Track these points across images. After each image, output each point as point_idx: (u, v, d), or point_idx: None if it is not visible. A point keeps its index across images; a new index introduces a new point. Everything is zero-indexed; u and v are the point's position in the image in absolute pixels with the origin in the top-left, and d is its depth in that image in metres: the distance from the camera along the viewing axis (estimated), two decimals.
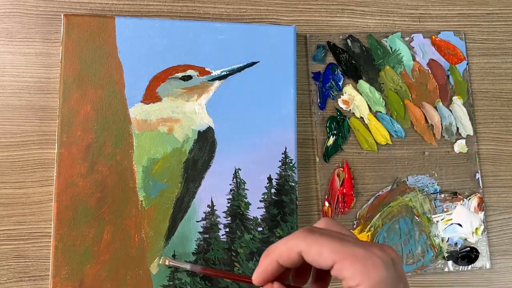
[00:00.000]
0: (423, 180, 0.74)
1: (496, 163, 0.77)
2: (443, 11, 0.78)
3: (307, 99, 0.73)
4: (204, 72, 0.66)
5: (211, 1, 0.72)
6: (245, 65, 0.67)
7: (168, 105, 0.65)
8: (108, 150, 0.63)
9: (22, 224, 0.65)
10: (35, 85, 0.67)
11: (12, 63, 0.67)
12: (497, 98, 0.78)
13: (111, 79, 0.64)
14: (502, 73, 0.78)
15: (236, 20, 0.72)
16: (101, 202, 0.62)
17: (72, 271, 0.61)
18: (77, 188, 0.62)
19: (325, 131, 0.72)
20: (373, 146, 0.73)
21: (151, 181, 0.64)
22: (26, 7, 0.68)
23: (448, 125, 0.75)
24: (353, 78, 0.74)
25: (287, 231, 0.66)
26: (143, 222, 0.63)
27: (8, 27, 0.67)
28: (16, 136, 0.66)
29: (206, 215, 0.65)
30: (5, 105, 0.66)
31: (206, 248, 0.64)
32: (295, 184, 0.67)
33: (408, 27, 0.77)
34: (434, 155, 0.75)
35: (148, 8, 0.70)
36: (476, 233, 0.74)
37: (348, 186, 0.71)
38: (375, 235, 0.71)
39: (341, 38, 0.75)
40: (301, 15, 0.74)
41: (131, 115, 0.64)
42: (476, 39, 0.79)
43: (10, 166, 0.65)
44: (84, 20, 0.64)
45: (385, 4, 0.76)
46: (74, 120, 0.63)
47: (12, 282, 0.64)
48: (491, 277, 0.75)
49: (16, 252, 0.64)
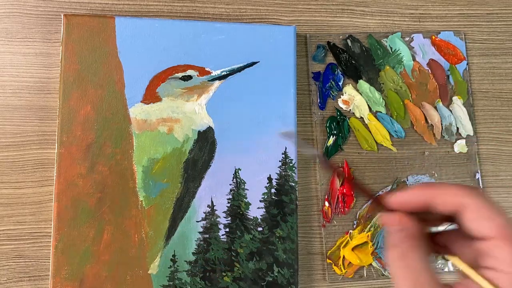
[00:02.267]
0: (423, 180, 0.74)
1: (496, 163, 0.77)
2: (443, 11, 0.78)
3: (307, 99, 0.73)
4: (204, 72, 0.66)
5: (211, 1, 0.72)
6: (245, 65, 0.67)
7: (168, 105, 0.65)
8: (108, 150, 0.63)
9: (22, 224, 0.65)
10: (35, 85, 0.67)
11: (12, 63, 0.67)
12: (497, 98, 0.78)
13: (111, 79, 0.64)
14: (502, 73, 0.78)
15: (236, 20, 0.72)
16: (101, 202, 0.62)
17: (72, 271, 0.61)
18: (77, 188, 0.62)
19: (325, 131, 0.72)
20: (373, 146, 0.73)
21: (151, 181, 0.64)
22: (26, 7, 0.68)
23: (448, 125, 0.75)
24: (353, 78, 0.74)
25: (287, 231, 0.66)
26: (143, 222, 0.63)
27: (8, 27, 0.67)
28: (16, 136, 0.66)
29: (206, 215, 0.65)
30: (5, 105, 0.66)
31: (206, 248, 0.64)
32: (295, 184, 0.67)
33: (408, 27, 0.77)
34: (434, 155, 0.75)
35: (148, 8, 0.70)
36: None
37: (348, 186, 0.71)
38: (375, 235, 0.71)
39: (341, 38, 0.75)
40: (301, 15, 0.74)
41: (131, 115, 0.64)
42: (476, 39, 0.79)
43: (10, 166, 0.65)
44: (84, 20, 0.64)
45: (385, 4, 0.76)
46: (74, 120, 0.63)
47: (12, 282, 0.64)
48: None
49: (16, 252, 0.64)
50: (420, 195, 0.39)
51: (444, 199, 0.37)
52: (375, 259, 0.71)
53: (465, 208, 0.37)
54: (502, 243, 0.35)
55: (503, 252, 0.34)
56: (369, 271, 0.71)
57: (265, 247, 0.65)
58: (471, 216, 0.36)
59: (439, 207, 0.38)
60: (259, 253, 0.65)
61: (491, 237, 0.35)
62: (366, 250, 0.71)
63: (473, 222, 0.36)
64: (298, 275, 0.66)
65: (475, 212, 0.36)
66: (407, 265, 0.37)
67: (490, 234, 0.35)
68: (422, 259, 0.37)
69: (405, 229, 0.38)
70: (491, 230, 0.35)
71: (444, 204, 0.38)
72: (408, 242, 0.38)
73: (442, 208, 0.38)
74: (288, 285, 0.65)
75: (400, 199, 0.39)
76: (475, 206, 0.36)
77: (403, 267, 0.37)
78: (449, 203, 0.37)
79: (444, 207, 0.38)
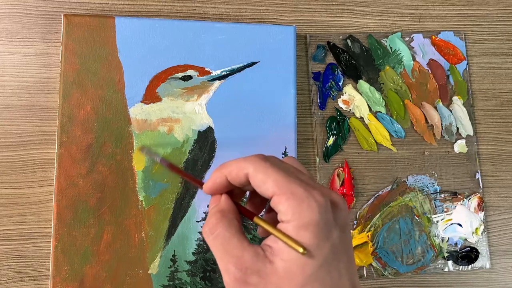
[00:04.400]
0: (423, 180, 0.74)
1: (496, 163, 0.77)
2: (443, 11, 0.78)
3: (307, 99, 0.73)
4: (204, 72, 0.66)
5: (211, 1, 0.72)
6: (245, 65, 0.67)
7: (168, 105, 0.65)
8: (108, 150, 0.63)
9: (22, 224, 0.65)
10: (35, 85, 0.67)
11: (12, 63, 0.67)
12: (497, 98, 0.78)
13: (111, 79, 0.64)
14: (502, 73, 0.78)
15: (236, 20, 0.72)
16: (101, 202, 0.62)
17: (72, 271, 0.61)
18: (77, 188, 0.62)
19: (325, 131, 0.72)
20: (373, 146, 0.73)
21: (151, 181, 0.64)
22: (26, 7, 0.68)
23: (448, 125, 0.75)
24: (353, 78, 0.74)
25: None
26: (143, 222, 0.63)
27: (8, 27, 0.67)
28: (16, 136, 0.66)
29: (206, 215, 0.65)
30: (5, 105, 0.66)
31: (206, 248, 0.64)
32: None
33: (408, 27, 0.77)
34: (434, 155, 0.75)
35: (148, 8, 0.70)
36: (476, 233, 0.74)
37: (348, 186, 0.71)
38: (375, 235, 0.71)
39: (341, 38, 0.75)
40: (301, 15, 0.74)
41: (131, 115, 0.64)
42: (476, 39, 0.79)
43: (10, 166, 0.65)
44: (84, 20, 0.64)
45: (385, 4, 0.76)
46: (74, 120, 0.63)
47: (12, 282, 0.64)
48: (491, 277, 0.75)
49: (16, 252, 0.64)
50: (220, 175, 0.42)
51: (234, 174, 0.41)
52: (375, 259, 0.71)
53: (250, 175, 0.40)
54: (280, 198, 0.38)
55: (283, 205, 0.37)
56: (369, 271, 0.71)
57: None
58: (255, 181, 0.39)
59: (235, 182, 0.41)
60: None
61: (273, 194, 0.38)
62: (366, 250, 0.71)
63: (258, 186, 0.39)
64: None
65: (257, 176, 0.39)
66: (217, 236, 0.40)
67: (272, 192, 0.38)
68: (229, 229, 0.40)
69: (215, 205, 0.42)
70: (271, 188, 0.38)
71: (236, 178, 0.41)
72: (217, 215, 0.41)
73: (238, 182, 0.41)
74: None
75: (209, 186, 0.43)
76: (254, 172, 0.39)
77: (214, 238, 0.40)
78: (238, 176, 0.41)
79: (238, 181, 0.41)
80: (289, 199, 0.37)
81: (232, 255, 0.38)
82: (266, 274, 0.37)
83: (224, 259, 0.39)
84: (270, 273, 0.37)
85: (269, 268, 0.37)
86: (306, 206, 0.37)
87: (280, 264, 0.37)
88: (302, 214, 0.37)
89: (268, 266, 0.37)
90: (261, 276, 0.37)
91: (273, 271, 0.37)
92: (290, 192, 0.37)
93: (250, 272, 0.38)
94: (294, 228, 0.37)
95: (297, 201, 0.37)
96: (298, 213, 0.37)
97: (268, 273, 0.37)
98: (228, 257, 0.39)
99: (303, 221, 0.37)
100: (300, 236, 0.37)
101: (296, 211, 0.37)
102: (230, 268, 0.38)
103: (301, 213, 0.37)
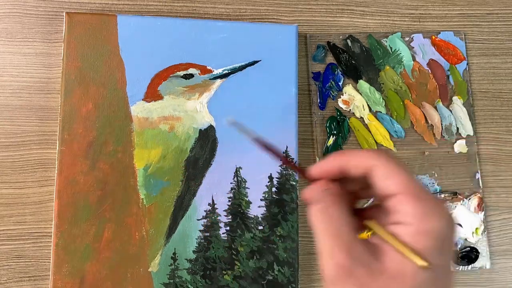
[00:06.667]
0: (423, 180, 0.74)
1: (496, 163, 0.77)
2: (443, 11, 0.78)
3: (307, 99, 0.73)
4: (205, 70, 0.66)
5: (211, 1, 0.72)
6: (246, 63, 0.67)
7: (170, 103, 0.65)
8: (109, 148, 0.63)
9: (22, 224, 0.65)
10: (35, 85, 0.67)
11: (12, 63, 0.67)
12: (497, 98, 0.78)
13: (113, 77, 0.64)
14: (502, 73, 0.79)
15: (236, 20, 0.72)
16: (102, 200, 0.62)
17: (72, 269, 0.61)
18: (78, 185, 0.62)
19: (325, 131, 0.73)
20: (373, 146, 0.73)
21: (152, 179, 0.64)
22: (26, 7, 0.68)
23: (448, 125, 0.75)
24: (353, 78, 0.74)
25: (287, 229, 0.66)
26: (143, 220, 0.63)
27: (8, 27, 0.67)
28: (16, 136, 0.66)
29: (206, 214, 0.65)
30: (5, 105, 0.66)
31: (207, 246, 0.64)
32: (296, 183, 0.67)
33: (408, 27, 0.77)
34: (434, 155, 0.75)
35: (148, 8, 0.70)
36: (476, 233, 0.74)
37: None
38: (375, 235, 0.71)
39: (341, 38, 0.75)
40: (301, 15, 0.74)
41: (132, 113, 0.64)
42: (476, 39, 0.79)
43: (10, 166, 0.65)
44: (86, 18, 0.64)
45: (385, 4, 0.77)
46: (75, 118, 0.63)
47: (12, 282, 0.64)
48: (491, 277, 0.75)
49: (16, 252, 0.64)
50: (335, 161, 0.41)
51: (355, 162, 0.40)
52: None
53: (373, 169, 0.39)
54: (404, 198, 0.37)
55: (406, 206, 0.36)
56: None
57: (266, 246, 0.65)
58: (378, 175, 0.38)
59: (352, 171, 0.40)
60: (260, 252, 0.65)
61: (396, 193, 0.37)
62: None
63: (380, 181, 0.38)
64: (299, 274, 0.66)
65: (381, 171, 0.38)
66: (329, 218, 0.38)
67: (395, 190, 0.37)
68: (343, 214, 0.39)
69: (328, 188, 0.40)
70: (395, 186, 0.37)
71: (356, 167, 0.40)
72: (331, 197, 0.40)
73: (355, 171, 0.40)
74: (288, 284, 0.65)
75: (319, 167, 0.42)
76: (381, 166, 0.38)
77: (325, 221, 0.39)
78: (360, 166, 0.40)
79: (356, 170, 0.40)
80: (416, 202, 0.36)
81: (343, 240, 0.37)
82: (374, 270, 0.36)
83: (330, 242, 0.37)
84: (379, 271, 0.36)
85: (379, 265, 0.36)
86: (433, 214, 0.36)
87: (390, 264, 0.36)
88: (427, 220, 0.36)
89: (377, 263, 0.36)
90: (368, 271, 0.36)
91: (383, 270, 0.36)
92: (417, 195, 0.37)
93: (359, 263, 0.36)
94: (413, 232, 0.36)
95: (425, 206, 0.36)
96: (422, 218, 0.36)
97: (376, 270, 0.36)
98: (338, 241, 0.37)
99: (426, 227, 0.36)
100: (417, 242, 0.36)
101: (421, 215, 0.36)
102: (336, 252, 0.37)
103: (426, 219, 0.36)
